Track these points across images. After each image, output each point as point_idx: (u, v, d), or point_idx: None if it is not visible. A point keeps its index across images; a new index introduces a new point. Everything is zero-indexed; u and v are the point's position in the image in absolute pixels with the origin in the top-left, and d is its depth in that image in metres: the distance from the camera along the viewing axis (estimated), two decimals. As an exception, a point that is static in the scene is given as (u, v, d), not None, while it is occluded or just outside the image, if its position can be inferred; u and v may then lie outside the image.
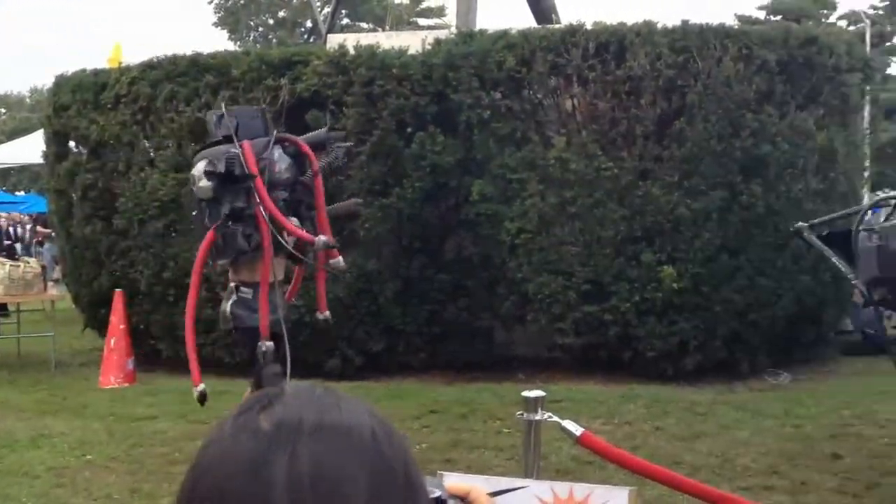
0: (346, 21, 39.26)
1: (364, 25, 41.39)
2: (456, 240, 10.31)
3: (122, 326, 10.30)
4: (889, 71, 42.38)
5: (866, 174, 13.00)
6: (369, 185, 9.95)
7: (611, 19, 10.15)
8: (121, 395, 9.55)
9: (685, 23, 9.90)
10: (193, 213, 6.29)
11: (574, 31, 9.85)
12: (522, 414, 3.84)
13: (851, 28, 37.71)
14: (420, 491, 1.01)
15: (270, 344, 5.73)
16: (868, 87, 12.20)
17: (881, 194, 17.36)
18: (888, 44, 42.14)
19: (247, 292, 5.92)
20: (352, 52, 10.32)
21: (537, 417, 3.80)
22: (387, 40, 11.04)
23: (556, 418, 3.86)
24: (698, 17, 10.31)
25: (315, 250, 5.89)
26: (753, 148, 9.58)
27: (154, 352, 10.92)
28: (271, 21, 46.64)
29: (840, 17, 42.11)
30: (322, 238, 5.78)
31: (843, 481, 6.29)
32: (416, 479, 1.00)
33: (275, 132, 6.08)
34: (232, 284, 6.00)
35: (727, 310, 9.68)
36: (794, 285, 9.89)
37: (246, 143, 5.79)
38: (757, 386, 9.68)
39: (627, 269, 9.60)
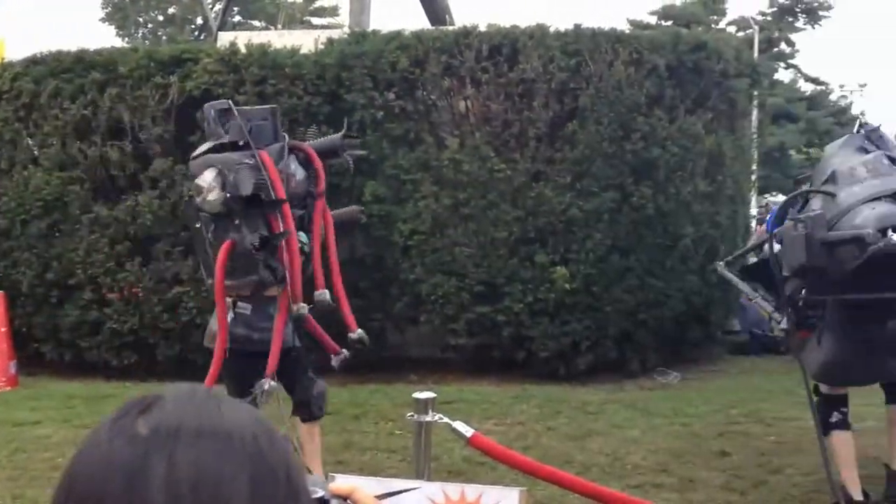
0: (237, 19, 38.78)
1: (256, 24, 40.93)
2: (348, 240, 10.27)
3: (3, 329, 10.02)
4: (777, 76, 43.57)
5: (754, 178, 13.35)
6: (261, 185, 9.88)
7: (504, 22, 10.24)
8: (3, 399, 9.28)
9: (577, 27, 10.04)
10: (196, 225, 5.59)
11: (467, 32, 9.92)
12: (413, 415, 3.86)
13: (740, 34, 38.67)
14: (302, 494, 1.02)
15: (275, 384, 5.41)
16: (756, 93, 12.51)
17: (769, 198, 17.85)
18: (776, 49, 43.30)
19: (245, 308, 5.50)
20: (243, 50, 10.22)
21: (428, 419, 3.83)
22: (279, 39, 10.98)
23: (446, 419, 3.89)
24: (591, 22, 10.49)
25: (317, 305, 5.57)
26: (644, 151, 9.76)
27: (37, 355, 10.64)
28: (161, 17, 45.80)
29: (729, 23, 43.10)
30: (326, 297, 5.56)
31: (731, 478, 6.44)
32: (297, 482, 1.00)
33: (286, 137, 5.63)
34: (228, 299, 5.49)
35: (618, 310, 9.85)
36: (683, 285, 10.12)
37: (266, 156, 5.27)
38: (647, 385, 9.87)
39: (521, 269, 9.70)
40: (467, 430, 3.89)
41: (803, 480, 6.40)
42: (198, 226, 5.54)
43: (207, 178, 5.25)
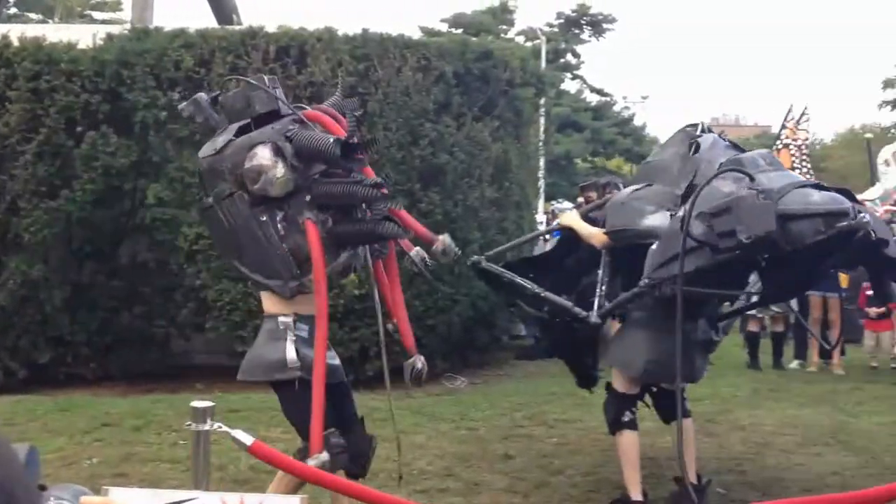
0: (13, 10, 37.04)
1: (33, 16, 39.22)
2: (130, 245, 10.01)
3: None
4: (563, 87, 44.95)
5: (541, 185, 13.73)
6: (35, 185, 9.48)
7: (293, 23, 10.17)
8: None
9: (366, 31, 10.08)
10: (263, 219, 4.50)
11: (254, 33, 9.82)
12: (191, 424, 3.80)
13: (528, 44, 39.70)
14: None
15: (420, 366, 5.05)
16: (543, 101, 12.86)
17: (556, 204, 18.41)
18: (562, 60, 44.68)
19: (303, 330, 4.64)
20: (16, 43, 9.79)
21: (206, 427, 3.78)
22: (55, 33, 10.55)
23: (225, 428, 3.84)
24: (382, 27, 10.55)
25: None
26: (432, 157, 9.88)
27: None
28: (-71, 7, 43.41)
29: (518, 33, 44.21)
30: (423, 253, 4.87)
31: (514, 481, 6.57)
32: (24, 499, 0.96)
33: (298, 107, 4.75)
34: (287, 318, 4.64)
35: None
36: (470, 291, 10.29)
37: (312, 112, 4.56)
38: (435, 391, 9.95)
39: (309, 275, 9.64)
40: (247, 439, 3.86)
41: (582, 480, 6.60)
42: (264, 219, 4.50)
43: (265, 154, 4.36)
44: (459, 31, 37.93)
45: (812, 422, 8.67)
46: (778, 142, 16.67)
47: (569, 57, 45.31)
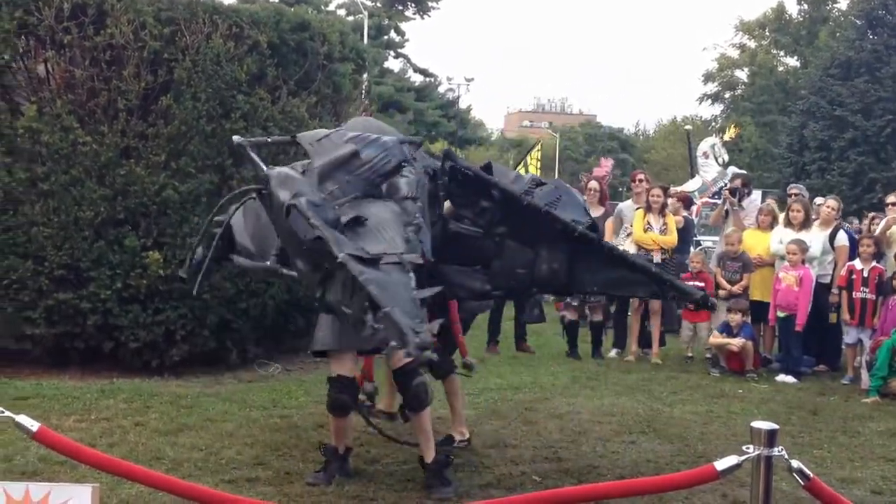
0: None
1: None
2: None
3: None
4: (387, 65, 45.07)
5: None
6: None
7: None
8: None
9: (172, -8, 9.80)
10: None
11: (46, -12, 9.39)
12: (-37, 411, 3.67)
13: (350, 18, 39.63)
14: None
15: None
16: (366, 78, 12.79)
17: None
18: (386, 37, 44.79)
19: None
20: None
21: (-20, 414, 3.66)
22: None
23: (8, 413, 3.75)
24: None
25: None
26: (244, 131, 9.67)
27: None
28: None
29: (339, 6, 44.06)
30: None
31: (325, 469, 6.55)
32: None
33: None
34: None
35: (216, 297, 9.72)
36: (285, 273, 10.16)
37: None
38: (246, 377, 9.86)
39: (109, 253, 9.35)
40: (33, 425, 3.76)
41: (398, 469, 6.65)
42: None
43: None
44: (277, 0, 37.52)
45: (628, 410, 8.95)
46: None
47: (392, 34, 45.43)
